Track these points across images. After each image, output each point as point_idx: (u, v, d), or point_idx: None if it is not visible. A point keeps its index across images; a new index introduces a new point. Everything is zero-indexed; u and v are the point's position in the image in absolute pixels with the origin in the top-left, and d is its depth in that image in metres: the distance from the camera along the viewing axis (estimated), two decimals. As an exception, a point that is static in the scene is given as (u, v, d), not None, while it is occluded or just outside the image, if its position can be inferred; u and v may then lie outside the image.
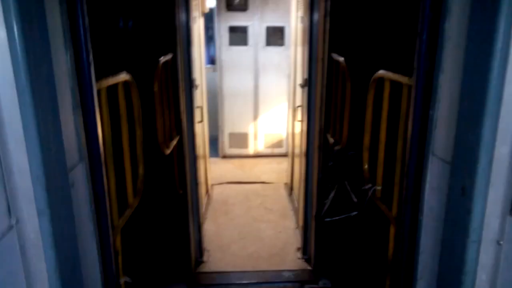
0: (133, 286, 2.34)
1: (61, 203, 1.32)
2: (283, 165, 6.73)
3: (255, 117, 7.49)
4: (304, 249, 4.18)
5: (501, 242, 1.22)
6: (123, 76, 2.27)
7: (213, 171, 6.33)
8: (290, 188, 5.90)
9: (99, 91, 1.83)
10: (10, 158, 1.15)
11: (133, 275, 2.39)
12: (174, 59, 3.30)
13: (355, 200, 3.08)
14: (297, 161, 5.13)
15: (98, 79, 1.76)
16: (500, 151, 1.18)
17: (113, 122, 2.11)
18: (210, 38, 8.56)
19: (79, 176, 1.57)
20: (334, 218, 3.23)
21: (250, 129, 7.54)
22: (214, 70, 7.46)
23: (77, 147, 1.57)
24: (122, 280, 2.21)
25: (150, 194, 2.83)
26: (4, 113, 1.13)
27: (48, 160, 1.21)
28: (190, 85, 3.66)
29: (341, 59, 3.08)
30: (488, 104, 1.17)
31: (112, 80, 2.10)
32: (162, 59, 3.02)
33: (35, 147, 1.16)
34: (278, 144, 7.60)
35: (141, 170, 2.54)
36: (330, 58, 3.32)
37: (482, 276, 1.30)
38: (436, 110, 1.54)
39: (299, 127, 4.55)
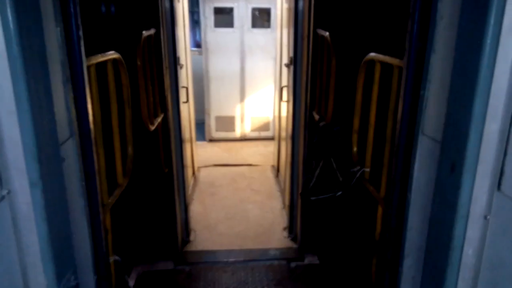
0: (121, 264, 2.34)
1: (53, 176, 1.31)
2: (270, 148, 6.75)
3: (242, 100, 7.46)
4: (290, 228, 4.24)
5: (488, 217, 1.26)
6: (112, 54, 2.25)
7: (200, 155, 6.32)
8: (277, 170, 5.94)
9: (88, 68, 1.80)
10: (1, 129, 1.13)
11: (121, 253, 2.39)
12: (157, 35, 3.25)
13: (340, 179, 3.12)
14: (283, 144, 5.15)
15: (86, 56, 1.73)
16: (490, 128, 1.20)
17: (102, 102, 2.09)
18: (196, 22, 8.46)
19: (70, 152, 1.56)
20: (319, 197, 3.27)
21: (236, 112, 7.52)
22: (200, 53, 7.39)
23: (68, 122, 1.55)
24: (112, 258, 2.21)
25: (136, 171, 2.82)
26: (-4, 83, 1.11)
27: (40, 132, 1.20)
28: (175, 62, 3.62)
29: (326, 33, 3.08)
30: (480, 82, 1.19)
31: (101, 57, 2.07)
32: (145, 33, 2.98)
33: (27, 117, 1.15)
34: (265, 127, 7.62)
35: (130, 151, 2.53)
36: (316, 35, 3.32)
37: (469, 251, 1.33)
38: (427, 90, 1.55)
39: (285, 108, 4.56)
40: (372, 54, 2.37)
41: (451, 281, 1.38)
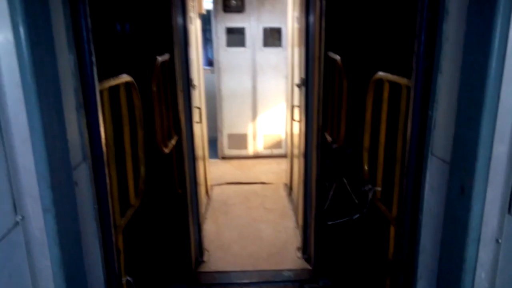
0: (134, 286, 2.35)
1: (66, 201, 1.34)
2: (282, 165, 6.75)
3: (254, 118, 7.51)
4: (304, 248, 4.20)
5: (500, 240, 1.24)
6: (125, 78, 2.29)
7: (212, 172, 6.34)
8: (290, 188, 5.92)
9: (101, 92, 1.84)
10: (15, 156, 1.17)
11: (134, 274, 2.40)
12: (171, 59, 3.32)
13: (356, 201, 3.10)
14: (296, 162, 5.14)
15: (99, 81, 1.77)
16: (498, 150, 1.19)
17: (115, 124, 2.13)
18: (208, 40, 8.59)
19: (83, 175, 1.59)
20: (336, 221, 3.24)
21: (249, 130, 7.56)
22: (212, 72, 7.49)
23: (81, 147, 1.58)
24: (124, 279, 2.23)
25: (150, 193, 2.85)
26: (10, 111, 1.15)
27: (53, 158, 1.23)
28: (188, 85, 3.68)
29: (337, 57, 3.10)
30: (486, 103, 1.19)
31: (114, 81, 2.12)
32: (160, 59, 3.04)
33: (41, 145, 1.18)
34: (277, 144, 7.62)
35: (142, 171, 2.56)
36: (327, 57, 3.34)
37: (481, 275, 1.31)
38: (435, 110, 1.55)
39: (298, 127, 4.57)
40: (381, 73, 2.37)
41: (465, 305, 1.35)
